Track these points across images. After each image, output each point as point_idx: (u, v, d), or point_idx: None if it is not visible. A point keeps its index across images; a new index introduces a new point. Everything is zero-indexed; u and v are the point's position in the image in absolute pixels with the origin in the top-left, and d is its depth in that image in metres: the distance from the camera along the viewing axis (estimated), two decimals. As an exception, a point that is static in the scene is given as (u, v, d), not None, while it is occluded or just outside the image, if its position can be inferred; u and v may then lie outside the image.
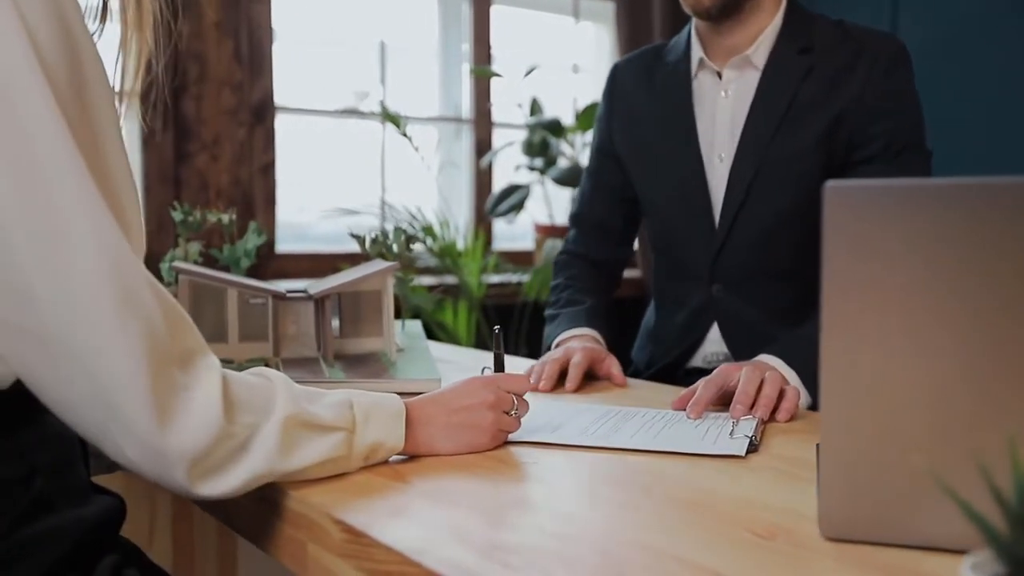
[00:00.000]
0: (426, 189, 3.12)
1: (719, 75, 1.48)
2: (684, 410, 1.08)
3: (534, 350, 2.84)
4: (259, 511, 0.82)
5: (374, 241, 1.52)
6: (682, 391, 1.14)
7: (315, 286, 1.36)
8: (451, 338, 2.61)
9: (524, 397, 0.96)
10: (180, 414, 0.69)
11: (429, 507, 0.75)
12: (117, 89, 0.87)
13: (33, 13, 0.66)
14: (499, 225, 3.23)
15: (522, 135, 3.03)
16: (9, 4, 0.65)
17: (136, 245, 0.73)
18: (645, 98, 1.56)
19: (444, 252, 2.62)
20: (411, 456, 0.89)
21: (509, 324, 2.76)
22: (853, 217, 0.59)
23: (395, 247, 1.52)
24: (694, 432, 0.99)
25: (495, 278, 2.81)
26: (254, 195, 2.74)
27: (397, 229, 1.53)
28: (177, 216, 1.49)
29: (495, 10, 3.21)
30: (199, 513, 1.51)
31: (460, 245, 2.73)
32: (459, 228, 2.86)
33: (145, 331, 0.68)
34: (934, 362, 0.59)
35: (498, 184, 3.15)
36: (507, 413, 0.93)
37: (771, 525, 0.70)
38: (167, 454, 0.69)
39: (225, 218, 1.51)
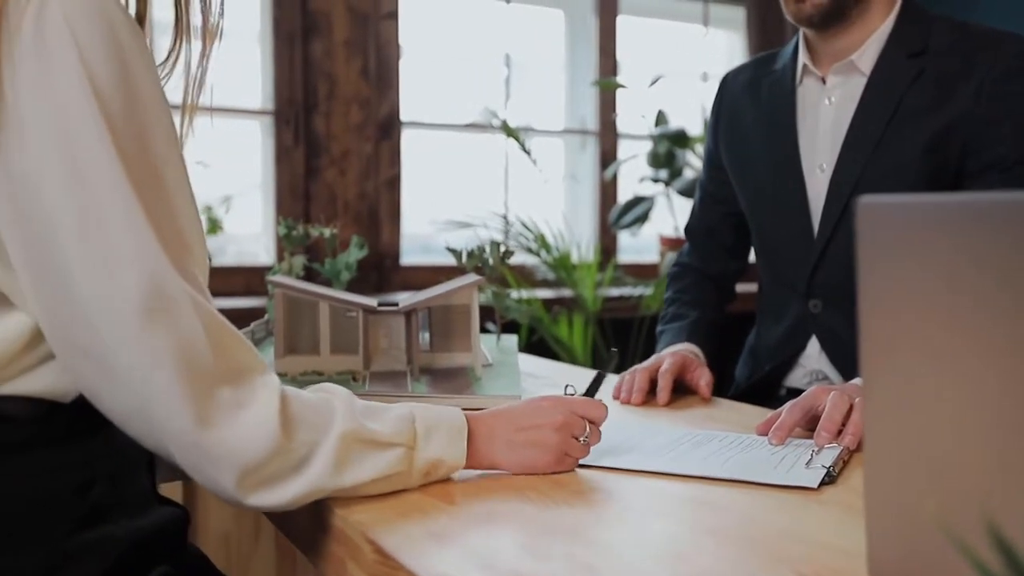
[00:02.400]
0: (552, 202, 3.12)
1: (823, 81, 1.41)
2: (767, 435, 1.03)
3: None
4: (310, 525, 0.83)
5: (470, 255, 1.53)
6: (769, 413, 1.08)
7: (407, 299, 1.37)
8: (567, 352, 2.59)
9: (599, 425, 0.93)
10: (230, 429, 0.71)
11: (467, 531, 0.74)
12: (184, 102, 0.89)
13: (93, 52, 0.69)
14: (625, 238, 3.19)
15: (648, 146, 2.99)
16: (71, 42, 0.68)
17: (199, 264, 0.76)
18: (750, 107, 1.51)
19: (558, 264, 2.61)
20: (471, 469, 0.87)
21: (627, 338, 2.71)
22: (890, 236, 0.54)
23: (490, 260, 1.52)
24: (769, 460, 0.93)
25: (615, 291, 2.77)
26: (380, 208, 2.81)
27: (493, 242, 1.53)
28: (281, 230, 1.53)
29: (623, 21, 3.17)
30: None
31: (578, 257, 2.71)
32: (582, 241, 2.84)
33: (180, 350, 0.70)
34: (982, 392, 0.53)
35: (623, 196, 3.11)
36: (575, 438, 0.90)
37: (820, 566, 0.65)
38: (215, 465, 0.71)
39: (327, 232, 1.54)
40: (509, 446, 0.87)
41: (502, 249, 1.51)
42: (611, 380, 1.30)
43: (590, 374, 1.56)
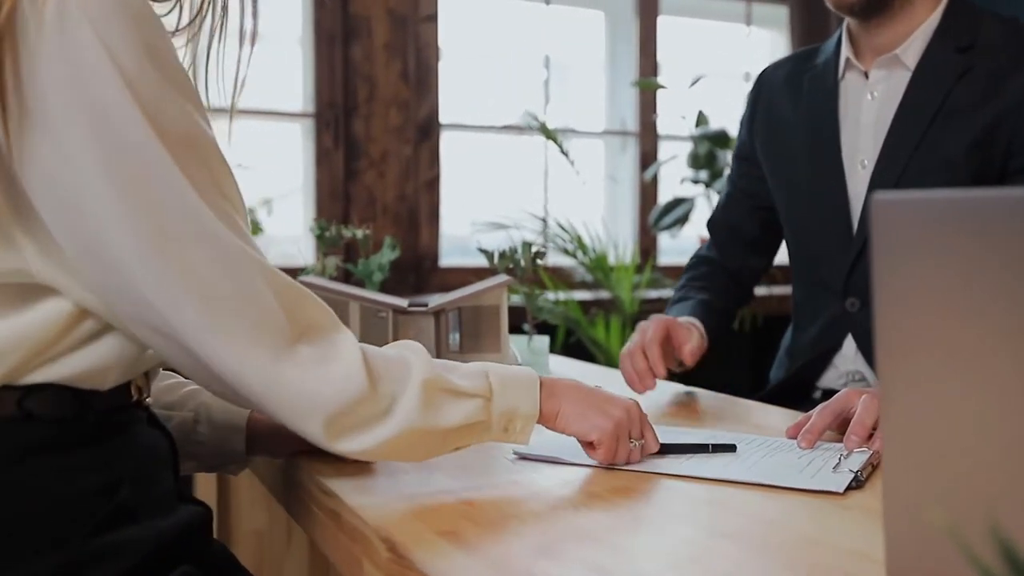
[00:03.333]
0: (592, 203, 3.11)
1: (866, 76, 1.38)
2: (797, 438, 1.01)
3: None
4: (330, 523, 0.83)
5: (502, 256, 1.52)
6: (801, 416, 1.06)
7: (437, 300, 1.37)
8: (604, 354, 2.57)
9: (644, 453, 0.92)
10: (315, 383, 0.74)
11: (482, 532, 0.73)
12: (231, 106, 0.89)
13: (118, 44, 0.69)
14: (665, 239, 3.16)
15: (688, 147, 2.96)
16: (94, 37, 0.68)
17: (245, 222, 0.77)
18: (790, 102, 1.49)
19: (596, 266, 2.59)
20: (540, 424, 0.87)
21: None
22: (906, 234, 0.52)
23: (522, 261, 1.51)
24: (795, 463, 0.91)
25: (653, 293, 2.74)
26: (419, 210, 2.82)
27: (524, 243, 1.52)
28: (315, 231, 1.54)
29: (664, 21, 3.15)
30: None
31: (616, 259, 2.69)
32: (621, 242, 2.82)
33: (254, 320, 0.72)
34: (1003, 394, 0.51)
35: (663, 197, 3.09)
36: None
37: (841, 572, 0.64)
38: (302, 415, 0.75)
39: (359, 233, 1.55)
40: (576, 405, 0.88)
41: (534, 250, 1.51)
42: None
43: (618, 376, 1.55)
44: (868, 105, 1.39)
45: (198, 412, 0.95)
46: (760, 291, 2.76)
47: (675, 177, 3.06)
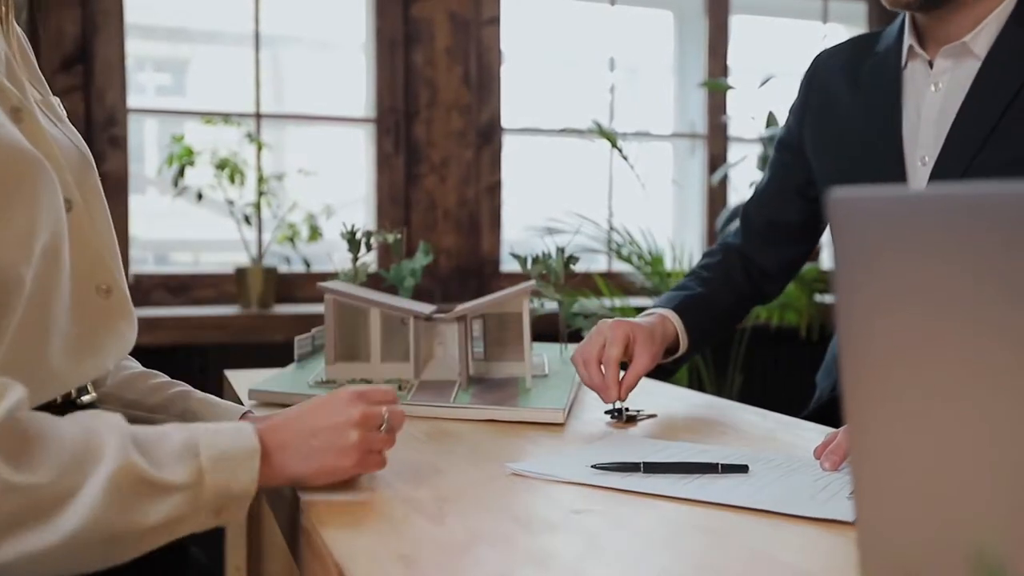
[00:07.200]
0: (660, 207, 3.03)
1: (931, 66, 1.28)
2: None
3: (750, 378, 2.65)
4: (302, 539, 0.80)
5: (535, 261, 1.47)
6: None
7: (461, 307, 1.33)
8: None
9: (397, 408, 0.84)
10: None
11: (442, 555, 0.68)
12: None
13: None
14: (735, 245, 3.06)
15: (759, 150, 2.85)
16: None
17: None
18: (847, 90, 1.38)
19: (653, 271, 2.51)
20: (267, 486, 0.77)
21: (727, 350, 2.59)
22: (865, 235, 0.46)
23: (555, 267, 1.46)
24: (809, 487, 0.84)
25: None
26: (480, 215, 2.79)
27: (559, 249, 1.47)
28: (344, 236, 1.52)
29: (735, 20, 3.05)
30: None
31: (674, 263, 2.60)
32: (687, 247, 2.73)
33: None
34: (975, 409, 0.44)
35: (733, 201, 2.99)
36: (378, 429, 0.82)
37: (821, 615, 0.57)
38: None
39: (390, 238, 1.52)
40: (305, 456, 0.78)
41: (566, 255, 1.45)
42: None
43: (655, 387, 1.48)
44: (931, 97, 1.28)
45: (184, 418, 0.92)
46: (829, 299, 2.64)
47: (746, 180, 2.96)
